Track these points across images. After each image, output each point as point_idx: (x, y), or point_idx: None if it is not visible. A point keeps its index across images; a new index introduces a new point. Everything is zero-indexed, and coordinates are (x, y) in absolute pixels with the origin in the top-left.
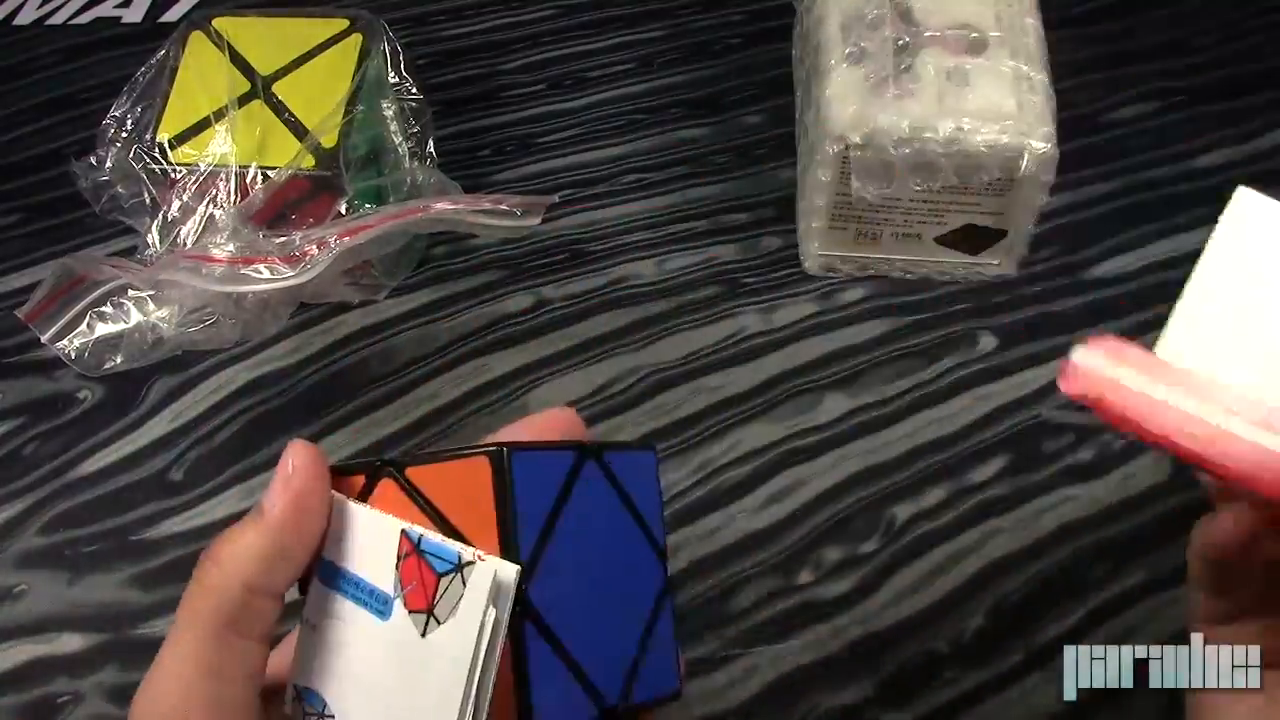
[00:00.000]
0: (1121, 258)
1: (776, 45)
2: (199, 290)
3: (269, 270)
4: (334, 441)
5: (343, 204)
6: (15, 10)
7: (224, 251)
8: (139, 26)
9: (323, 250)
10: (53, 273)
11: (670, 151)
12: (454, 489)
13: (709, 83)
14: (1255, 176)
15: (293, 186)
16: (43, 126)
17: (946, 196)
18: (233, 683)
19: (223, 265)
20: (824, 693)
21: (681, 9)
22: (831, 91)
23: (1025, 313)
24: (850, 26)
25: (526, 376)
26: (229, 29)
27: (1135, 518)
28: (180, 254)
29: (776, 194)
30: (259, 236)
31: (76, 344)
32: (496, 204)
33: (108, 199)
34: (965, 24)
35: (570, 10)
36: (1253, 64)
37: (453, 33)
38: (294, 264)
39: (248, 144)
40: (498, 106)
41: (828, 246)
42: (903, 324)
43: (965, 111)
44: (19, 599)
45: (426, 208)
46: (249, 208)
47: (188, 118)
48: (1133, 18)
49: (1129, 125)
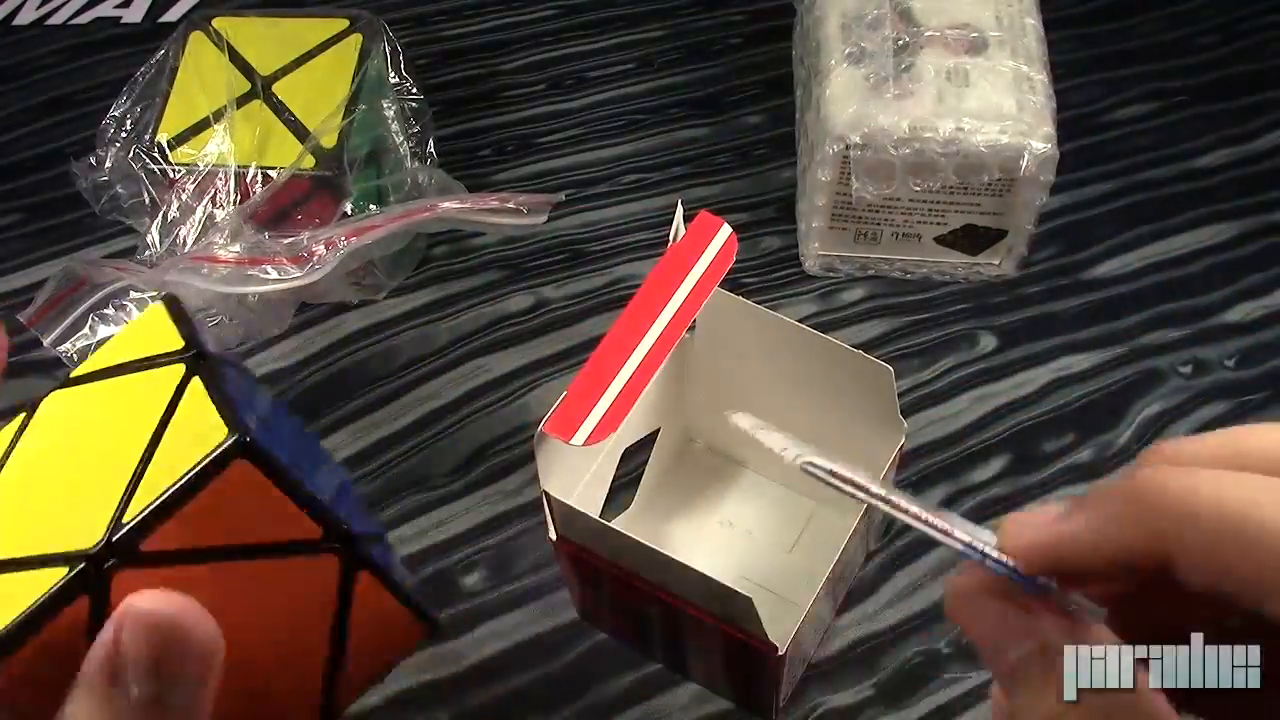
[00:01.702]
0: (1121, 258)
1: (776, 45)
2: (203, 291)
3: (276, 271)
4: (334, 441)
5: (348, 204)
6: (15, 10)
7: (230, 252)
8: (139, 26)
9: (330, 250)
10: (56, 276)
11: (670, 151)
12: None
13: (709, 83)
14: (1255, 176)
15: (293, 187)
16: (43, 126)
17: (946, 196)
18: None
19: (230, 266)
20: (824, 693)
21: (681, 9)
22: (831, 91)
23: (1025, 313)
24: (850, 26)
25: (526, 376)
26: (229, 29)
27: None
28: (187, 255)
29: (776, 194)
30: (264, 237)
31: (79, 346)
32: (503, 203)
33: (107, 199)
34: (965, 24)
35: (570, 10)
36: (1253, 64)
37: (453, 33)
38: (301, 264)
39: (247, 144)
40: (498, 106)
41: (828, 246)
42: (903, 324)
43: (965, 111)
44: None
45: (433, 207)
46: (250, 208)
47: (188, 118)
48: (1133, 18)
49: (1129, 125)
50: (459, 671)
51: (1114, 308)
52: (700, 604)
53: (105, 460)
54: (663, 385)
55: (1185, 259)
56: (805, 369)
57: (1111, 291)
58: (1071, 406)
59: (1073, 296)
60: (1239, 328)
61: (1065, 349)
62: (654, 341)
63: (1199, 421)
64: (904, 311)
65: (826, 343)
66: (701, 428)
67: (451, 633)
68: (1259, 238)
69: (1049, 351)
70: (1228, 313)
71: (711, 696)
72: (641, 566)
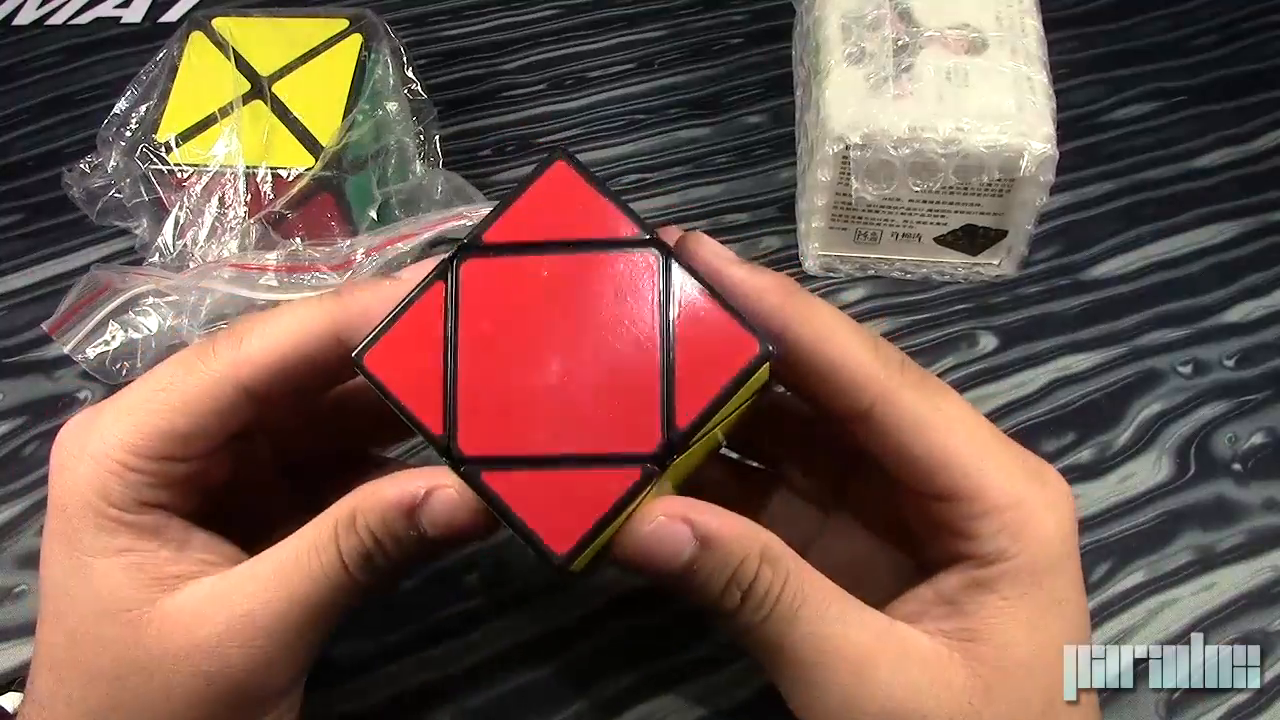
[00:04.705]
0: (1121, 258)
1: (776, 45)
2: (236, 298)
3: (315, 279)
4: None
5: (373, 210)
6: (15, 10)
7: (266, 260)
8: (139, 26)
9: (368, 258)
10: (78, 283)
11: (670, 151)
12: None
13: (709, 83)
14: (1255, 176)
15: (292, 187)
16: (43, 126)
17: (946, 197)
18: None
19: (267, 273)
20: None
21: (682, 9)
22: (831, 91)
23: (1025, 313)
24: (850, 26)
25: None
26: (229, 29)
27: (1135, 517)
28: (223, 262)
29: (776, 194)
30: (298, 244)
31: (96, 353)
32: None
33: (106, 201)
34: (965, 24)
35: (570, 10)
36: (1253, 64)
37: (453, 33)
38: (341, 272)
39: (253, 144)
40: (498, 106)
41: (828, 246)
42: (903, 324)
43: (965, 112)
44: (19, 599)
45: (462, 215)
46: (259, 209)
47: (190, 118)
48: (1133, 18)
49: (1129, 125)
50: (459, 671)
51: (1114, 308)
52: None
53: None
54: None
55: (1185, 259)
56: None
57: (1111, 291)
58: (1071, 406)
59: (1073, 296)
60: (1239, 328)
61: (1065, 349)
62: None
63: (1199, 421)
64: (904, 311)
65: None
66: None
67: (452, 633)
68: (1259, 238)
69: (1049, 351)
70: (1228, 313)
71: (712, 696)
72: None
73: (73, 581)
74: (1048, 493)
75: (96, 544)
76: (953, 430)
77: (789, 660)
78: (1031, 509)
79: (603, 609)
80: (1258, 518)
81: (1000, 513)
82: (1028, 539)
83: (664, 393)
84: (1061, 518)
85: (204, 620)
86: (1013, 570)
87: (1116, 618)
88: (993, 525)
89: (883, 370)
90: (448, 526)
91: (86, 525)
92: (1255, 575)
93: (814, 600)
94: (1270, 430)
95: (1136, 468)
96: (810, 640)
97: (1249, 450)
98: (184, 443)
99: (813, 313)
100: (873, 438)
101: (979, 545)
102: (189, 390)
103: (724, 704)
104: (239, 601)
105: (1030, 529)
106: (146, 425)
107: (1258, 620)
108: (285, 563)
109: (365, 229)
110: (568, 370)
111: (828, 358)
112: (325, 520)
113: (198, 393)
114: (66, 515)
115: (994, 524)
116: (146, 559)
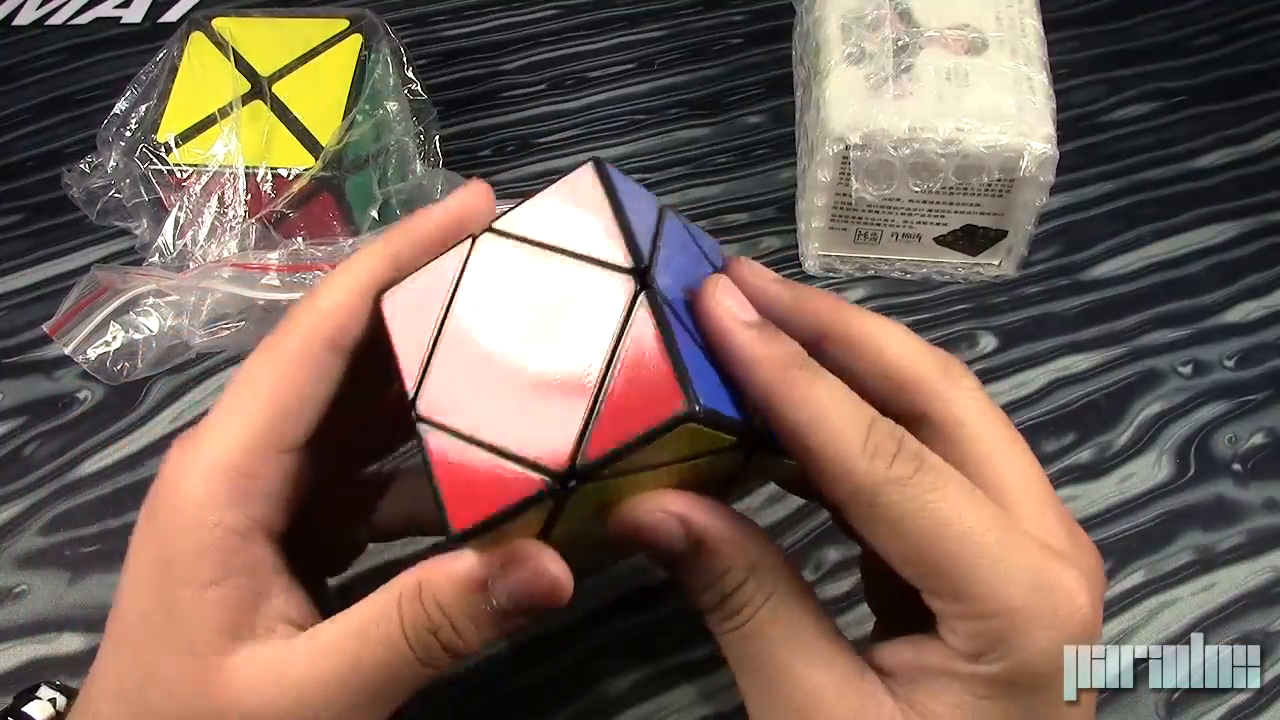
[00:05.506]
0: (1121, 258)
1: (776, 45)
2: (236, 297)
3: (317, 278)
4: None
5: (374, 210)
6: (15, 10)
7: (268, 260)
8: (139, 26)
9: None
10: (80, 283)
11: (670, 151)
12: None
13: (709, 83)
14: (1255, 176)
15: (294, 186)
16: (43, 126)
17: (946, 197)
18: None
19: (271, 273)
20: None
21: (682, 9)
22: (831, 92)
23: (1025, 313)
24: (850, 27)
25: None
26: (229, 29)
27: (1135, 518)
28: (223, 262)
29: (776, 194)
30: (300, 244)
31: (97, 354)
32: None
33: (106, 201)
34: (965, 24)
35: (570, 10)
36: (1253, 64)
37: (453, 33)
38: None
39: (253, 144)
40: (498, 106)
41: (828, 247)
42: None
43: (965, 112)
44: (19, 599)
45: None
46: (259, 209)
47: (190, 118)
48: (1133, 18)
49: (1129, 125)
50: (459, 672)
51: (1114, 308)
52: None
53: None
54: None
55: (1185, 259)
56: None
57: (1111, 291)
58: (1071, 406)
59: (1073, 296)
60: (1239, 328)
61: (1065, 349)
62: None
63: (1199, 421)
64: (904, 312)
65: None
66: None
67: None
68: (1259, 238)
69: (1049, 351)
70: (1228, 313)
71: (712, 696)
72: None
73: (155, 608)
74: (1051, 605)
75: (190, 571)
76: (942, 533)
77: (749, 671)
78: (1022, 620)
79: (603, 609)
80: (1258, 518)
81: (984, 619)
82: (1007, 650)
83: (586, 421)
84: (1058, 634)
85: (264, 688)
86: (987, 676)
87: (1116, 618)
88: (972, 628)
89: (866, 464)
90: (526, 596)
91: (185, 547)
92: (1255, 575)
93: (790, 626)
94: (1270, 430)
95: (1136, 468)
96: (772, 663)
97: (1249, 450)
98: (293, 421)
99: (809, 394)
100: (854, 524)
101: (957, 641)
102: (283, 365)
103: (724, 704)
104: (300, 674)
105: (1014, 641)
106: (256, 418)
107: (1258, 620)
108: (348, 633)
109: (366, 229)
110: (526, 368)
111: (805, 445)
112: (389, 590)
113: (294, 362)
114: (163, 534)
115: (973, 627)
116: (234, 596)
